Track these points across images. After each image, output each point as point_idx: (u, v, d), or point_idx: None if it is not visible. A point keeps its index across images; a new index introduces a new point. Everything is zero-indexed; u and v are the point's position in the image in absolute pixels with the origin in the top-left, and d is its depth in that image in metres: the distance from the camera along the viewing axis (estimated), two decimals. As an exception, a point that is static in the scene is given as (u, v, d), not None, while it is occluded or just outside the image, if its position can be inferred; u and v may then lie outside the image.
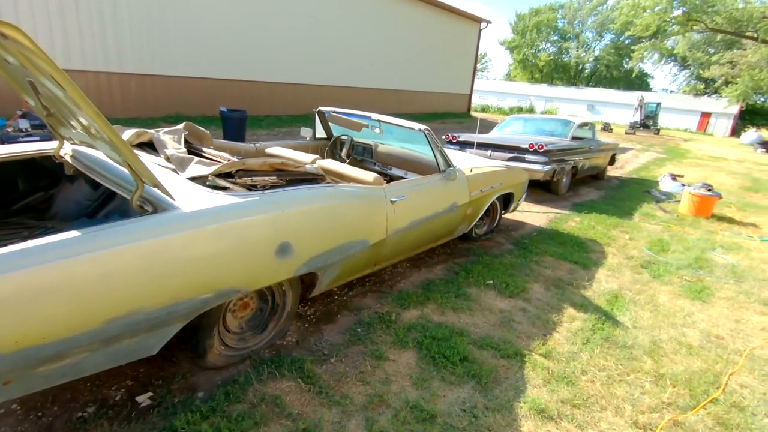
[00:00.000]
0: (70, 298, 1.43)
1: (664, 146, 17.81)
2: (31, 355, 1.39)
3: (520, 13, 48.30)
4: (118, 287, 1.53)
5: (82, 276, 1.45)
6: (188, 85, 10.57)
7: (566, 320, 2.98)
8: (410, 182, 3.09)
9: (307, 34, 13.12)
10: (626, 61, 42.43)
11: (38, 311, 1.37)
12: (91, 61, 8.88)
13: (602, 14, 43.40)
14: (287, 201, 2.12)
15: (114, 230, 1.55)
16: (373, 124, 3.79)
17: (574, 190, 7.42)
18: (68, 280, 1.42)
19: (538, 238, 4.68)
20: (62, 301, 1.41)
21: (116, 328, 1.57)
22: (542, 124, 7.84)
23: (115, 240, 1.53)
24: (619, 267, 4.07)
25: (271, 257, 2.04)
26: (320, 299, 2.90)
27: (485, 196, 3.92)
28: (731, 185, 9.31)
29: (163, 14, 9.78)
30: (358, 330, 2.57)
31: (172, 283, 1.68)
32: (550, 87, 41.69)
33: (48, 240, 1.42)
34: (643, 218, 5.94)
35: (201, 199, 1.88)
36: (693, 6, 20.16)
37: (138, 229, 1.60)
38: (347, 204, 2.46)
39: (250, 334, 2.32)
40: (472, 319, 2.85)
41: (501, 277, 3.51)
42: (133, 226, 1.60)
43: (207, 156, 2.76)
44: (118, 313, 1.55)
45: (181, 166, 2.21)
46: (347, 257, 2.53)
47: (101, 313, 1.52)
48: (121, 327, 1.58)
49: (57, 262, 1.40)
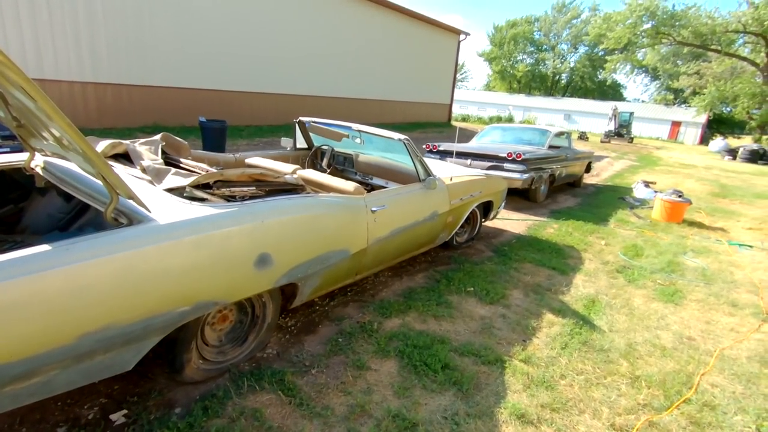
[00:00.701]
0: (41, 313, 1.39)
1: (638, 154, 18.40)
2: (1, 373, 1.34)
3: (497, 26, 49.43)
4: (92, 301, 1.50)
5: (54, 291, 1.41)
6: (166, 95, 10.43)
7: (545, 325, 3.03)
8: (390, 191, 3.12)
9: (288, 44, 13.15)
10: (600, 72, 43.80)
11: (6, 328, 1.33)
12: (64, 71, 8.70)
13: (576, 27, 44.88)
14: (266, 211, 2.12)
15: (87, 243, 1.53)
16: (353, 134, 3.82)
17: (552, 198, 7.58)
18: (38, 296, 1.38)
19: (518, 245, 4.76)
20: (32, 317, 1.37)
21: (89, 344, 1.53)
22: (520, 133, 8.02)
23: (88, 253, 1.50)
24: (596, 272, 4.17)
25: (251, 268, 2.03)
26: (301, 310, 2.88)
27: (465, 205, 3.98)
28: (700, 191, 9.66)
29: (140, 23, 9.66)
30: (339, 340, 2.56)
31: (148, 296, 1.65)
32: (527, 97, 42.70)
33: (17, 254, 1.38)
34: (618, 224, 6.10)
35: (178, 211, 1.86)
36: (661, 21, 21.04)
37: (112, 241, 1.58)
38: (327, 214, 2.46)
39: (230, 347, 2.28)
40: (453, 327, 2.87)
41: (481, 284, 3.55)
42: (107, 238, 1.58)
43: (185, 167, 2.73)
44: (92, 328, 1.52)
45: (157, 177, 2.19)
46: (328, 267, 2.53)
47: (73, 328, 1.48)
48: (94, 342, 1.54)
49: (26, 276, 1.36)
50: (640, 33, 22.29)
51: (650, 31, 21.83)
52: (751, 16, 18.50)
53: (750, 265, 4.79)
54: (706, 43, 21.62)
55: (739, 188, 10.77)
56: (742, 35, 20.48)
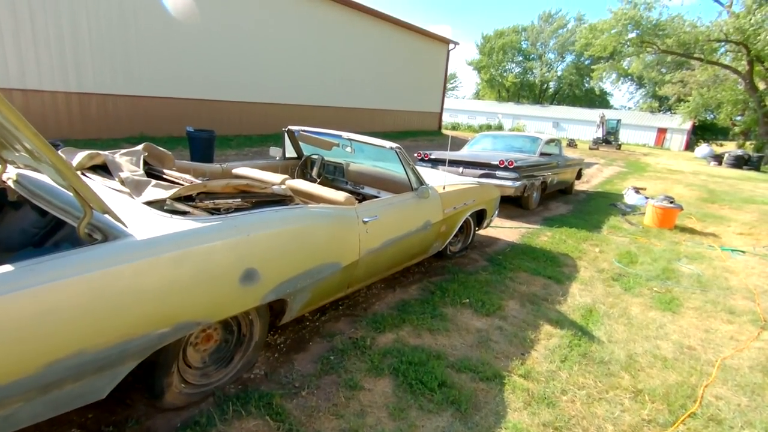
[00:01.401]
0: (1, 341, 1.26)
1: (626, 160, 18.60)
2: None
3: (486, 35, 50.03)
4: (60, 327, 1.38)
5: (16, 315, 1.29)
6: (153, 105, 10.27)
7: (543, 337, 2.94)
8: (382, 201, 3.03)
9: (277, 54, 13.09)
10: (587, 80, 44.53)
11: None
12: (48, 81, 8.51)
13: (563, 36, 45.63)
14: (252, 224, 2.01)
15: (55, 263, 1.40)
16: (343, 142, 3.73)
17: (544, 205, 7.55)
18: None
19: (512, 253, 4.69)
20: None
21: (57, 373, 1.41)
22: (511, 141, 8.02)
23: (56, 274, 1.38)
24: (592, 280, 4.11)
25: (236, 285, 1.92)
26: (291, 326, 2.76)
27: (458, 214, 3.90)
28: (690, 197, 9.73)
29: (126, 33, 9.52)
30: (331, 358, 2.45)
31: (123, 319, 1.53)
32: (516, 105, 43.16)
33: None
34: (611, 231, 6.08)
35: (157, 225, 1.74)
36: (646, 30, 21.44)
37: (83, 260, 1.46)
38: (317, 225, 2.36)
39: (214, 369, 2.15)
40: (449, 341, 2.77)
41: (477, 295, 3.46)
42: (77, 257, 1.46)
43: (168, 178, 2.62)
44: (60, 355, 1.39)
45: (136, 189, 2.07)
46: (318, 281, 2.42)
47: (39, 356, 1.35)
48: (63, 371, 1.42)
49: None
50: (626, 42, 22.67)
51: (635, 40, 22.21)
52: (732, 25, 18.90)
53: (744, 270, 4.77)
54: (689, 52, 22.04)
55: (726, 193, 10.88)
56: (723, 44, 20.92)
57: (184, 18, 9.32)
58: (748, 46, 19.11)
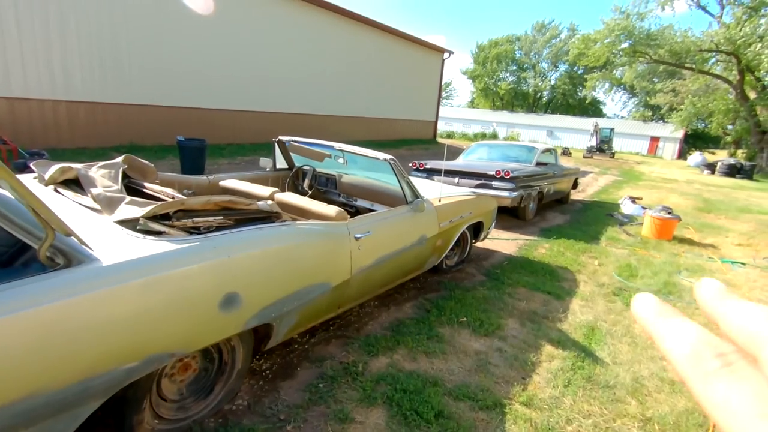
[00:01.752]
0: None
1: (620, 169, 18.62)
2: None
3: (480, 44, 50.41)
4: (8, 366, 1.22)
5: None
6: (144, 114, 10.10)
7: (545, 359, 2.80)
8: (376, 216, 2.88)
9: (270, 62, 13.00)
10: (580, 89, 44.87)
11: None
12: (34, 89, 8.33)
13: (556, 46, 46.06)
14: (233, 244, 1.86)
15: (4, 294, 1.25)
16: (336, 153, 3.60)
17: (541, 215, 7.45)
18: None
19: (510, 267, 4.56)
20: None
21: (5, 419, 1.24)
22: (507, 150, 7.93)
23: (3, 307, 1.22)
24: (592, 296, 3.98)
25: (215, 311, 1.76)
26: (278, 350, 2.60)
27: (455, 227, 3.77)
28: (685, 206, 9.68)
29: (116, 40, 9.38)
30: (320, 386, 2.29)
31: (83, 355, 1.37)
32: (511, 114, 43.36)
33: None
34: (609, 242, 5.97)
35: (126, 248, 1.59)
36: (638, 40, 21.64)
37: (38, 290, 1.30)
38: (305, 244, 2.22)
39: (192, 400, 1.99)
40: (446, 365, 2.62)
41: (474, 313, 3.32)
42: (31, 287, 1.30)
43: (149, 192, 2.47)
44: (7, 399, 1.23)
45: (109, 207, 1.91)
46: (307, 303, 2.27)
47: (-19, 403, 1.19)
48: (11, 416, 1.25)
49: None
50: (618, 52, 22.88)
51: (628, 50, 22.41)
52: (722, 35, 19.12)
53: (746, 284, 4.66)
54: (681, 62, 22.26)
55: (722, 202, 10.85)
56: (714, 54, 21.15)
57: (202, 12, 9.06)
58: (739, 56, 19.33)
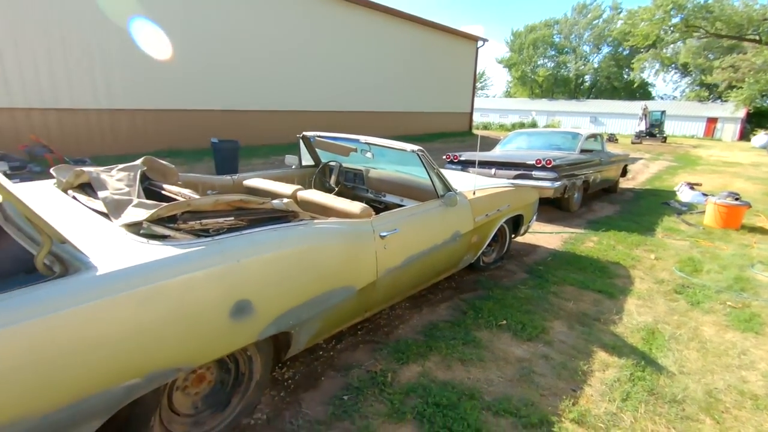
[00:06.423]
0: None
1: (674, 154, 17.30)
2: None
3: (515, 31, 48.64)
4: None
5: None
6: (180, 118, 10.38)
7: (598, 368, 2.48)
8: (402, 212, 2.66)
9: (301, 61, 13.02)
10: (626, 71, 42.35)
11: None
12: (80, 100, 8.73)
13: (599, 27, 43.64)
14: (243, 247, 1.70)
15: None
16: (362, 147, 3.40)
17: (587, 206, 6.94)
18: None
19: (554, 263, 4.20)
20: None
21: (-11, 447, 1.14)
22: (548, 138, 7.45)
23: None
24: (650, 294, 3.57)
25: (225, 321, 1.61)
26: (302, 357, 2.45)
27: (492, 221, 3.48)
28: (753, 192, 8.75)
29: (151, 50, 9.67)
30: (344, 398, 2.10)
31: (72, 375, 1.25)
32: (550, 101, 41.59)
33: None
34: (666, 233, 5.43)
35: (127, 254, 1.47)
36: (691, 13, 19.99)
37: (20, 303, 1.19)
38: (325, 245, 2.03)
39: (208, 414, 1.86)
40: (485, 374, 2.36)
41: (516, 315, 3.03)
42: (13, 299, 1.19)
43: (167, 194, 2.37)
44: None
45: (116, 210, 1.81)
46: (329, 308, 2.09)
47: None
48: (-4, 444, 1.15)
49: None
50: (669, 28, 21.23)
51: (679, 25, 20.75)
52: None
53: (836, 278, 4.05)
54: (742, 34, 20.33)
55: (796, 186, 9.75)
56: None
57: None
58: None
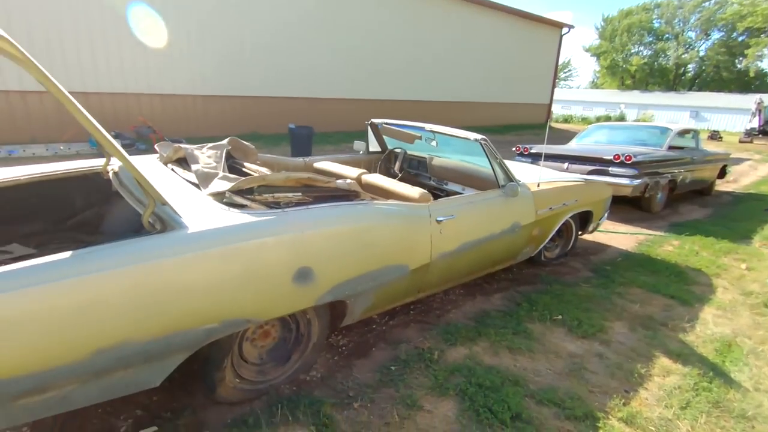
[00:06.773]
0: (49, 327, 1.30)
1: (792, 156, 15.06)
2: (7, 386, 1.28)
3: (607, 17, 44.82)
4: (104, 316, 1.39)
5: (64, 303, 1.32)
6: (263, 104, 11.18)
7: (658, 373, 2.37)
8: (460, 199, 2.72)
9: (377, 51, 13.24)
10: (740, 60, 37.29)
11: (12, 340, 1.26)
12: (181, 86, 9.77)
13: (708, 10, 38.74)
14: (308, 221, 1.89)
15: (104, 253, 1.43)
16: (426, 135, 3.49)
17: (673, 208, 6.38)
18: (47, 308, 1.29)
19: (624, 264, 3.98)
20: (39, 330, 1.29)
21: (105, 361, 1.43)
22: (632, 132, 6.91)
23: (103, 264, 1.40)
24: (734, 305, 3.26)
25: (288, 284, 1.82)
26: (357, 327, 2.63)
27: (556, 215, 3.40)
28: None
29: (241, 41, 10.50)
30: (392, 368, 2.25)
31: (166, 312, 1.51)
32: (643, 93, 37.94)
33: (31, 263, 1.32)
34: (765, 243, 4.85)
35: (211, 218, 1.71)
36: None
37: (129, 251, 1.47)
38: (382, 225, 2.17)
39: (271, 366, 2.10)
40: (533, 364, 2.37)
41: (573, 311, 2.95)
42: (124, 248, 1.47)
43: (246, 171, 2.66)
44: (105, 344, 1.41)
45: (204, 181, 2.10)
46: (383, 284, 2.23)
47: (86, 344, 1.38)
48: (109, 360, 1.44)
49: (36, 287, 1.28)
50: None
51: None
52: None
53: None
54: None
55: None
56: None
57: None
58: None
